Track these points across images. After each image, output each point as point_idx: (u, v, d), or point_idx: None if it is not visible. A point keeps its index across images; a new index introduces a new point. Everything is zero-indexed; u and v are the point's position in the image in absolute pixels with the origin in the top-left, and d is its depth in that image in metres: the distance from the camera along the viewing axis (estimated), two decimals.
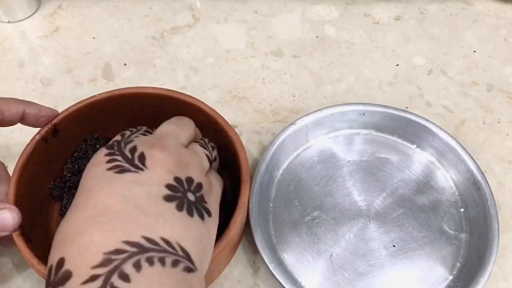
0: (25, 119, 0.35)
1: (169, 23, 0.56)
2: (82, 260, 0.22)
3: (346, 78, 0.51)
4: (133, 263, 0.22)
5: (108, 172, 0.26)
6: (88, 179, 0.26)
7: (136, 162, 0.27)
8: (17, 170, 0.33)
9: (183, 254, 0.24)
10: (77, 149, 0.40)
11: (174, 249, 0.24)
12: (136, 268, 0.22)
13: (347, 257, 0.38)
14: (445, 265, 0.38)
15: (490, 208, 0.38)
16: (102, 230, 0.23)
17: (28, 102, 0.35)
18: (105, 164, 0.27)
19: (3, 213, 0.30)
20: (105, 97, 0.38)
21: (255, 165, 0.42)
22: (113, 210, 0.24)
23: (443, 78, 0.51)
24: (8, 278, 0.38)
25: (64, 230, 0.24)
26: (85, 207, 0.24)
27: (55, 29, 0.55)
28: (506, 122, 0.47)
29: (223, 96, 0.49)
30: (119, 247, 0.22)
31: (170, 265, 0.23)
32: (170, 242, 0.24)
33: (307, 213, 0.40)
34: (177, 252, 0.24)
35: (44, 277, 0.29)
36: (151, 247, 0.23)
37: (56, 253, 0.23)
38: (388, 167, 0.43)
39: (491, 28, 0.55)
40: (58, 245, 0.24)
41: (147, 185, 0.26)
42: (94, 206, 0.24)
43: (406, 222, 0.40)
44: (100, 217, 0.24)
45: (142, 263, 0.22)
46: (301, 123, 0.43)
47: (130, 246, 0.23)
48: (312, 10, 0.57)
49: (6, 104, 0.34)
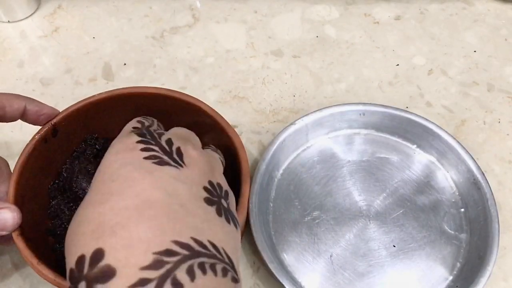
0: (26, 116, 0.35)
1: (169, 23, 0.56)
2: (127, 257, 0.20)
3: (346, 78, 0.51)
4: (186, 269, 0.20)
5: (146, 162, 0.24)
6: (122, 165, 0.24)
7: (175, 156, 0.25)
8: (17, 170, 0.33)
9: (229, 262, 0.22)
10: (77, 149, 0.39)
11: (221, 256, 0.22)
12: (190, 276, 0.20)
13: (347, 257, 0.38)
14: (445, 265, 0.38)
15: (491, 208, 0.38)
16: (149, 225, 0.21)
17: (30, 99, 0.35)
18: (140, 152, 0.25)
19: (4, 212, 0.30)
20: (105, 97, 0.37)
21: (255, 165, 0.42)
22: (158, 204, 0.22)
23: (443, 78, 0.51)
24: (8, 278, 0.38)
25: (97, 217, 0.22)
26: (124, 195, 0.22)
27: (55, 29, 0.55)
28: (506, 122, 0.47)
29: (223, 96, 0.49)
30: (170, 248, 0.20)
31: (221, 274, 0.21)
32: (217, 247, 0.22)
33: (307, 213, 0.40)
34: (224, 259, 0.22)
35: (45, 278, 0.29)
36: (201, 251, 0.21)
37: (90, 241, 0.21)
38: (388, 167, 0.43)
39: (491, 28, 0.55)
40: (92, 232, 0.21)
41: (188, 184, 0.24)
42: (136, 195, 0.22)
43: (406, 222, 0.40)
44: (145, 210, 0.21)
45: (195, 269, 0.20)
46: (301, 123, 0.43)
47: (181, 248, 0.21)
48: (312, 10, 0.57)
49: (8, 99, 0.34)
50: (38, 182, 0.36)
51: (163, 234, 0.21)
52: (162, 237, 0.21)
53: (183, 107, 0.37)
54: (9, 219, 0.30)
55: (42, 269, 0.30)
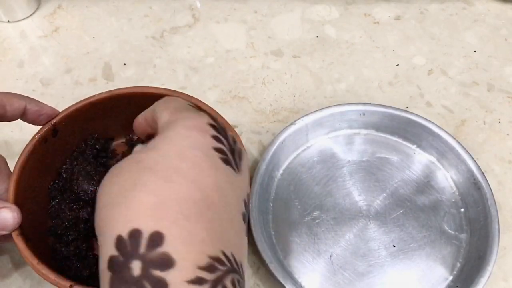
0: (26, 116, 0.35)
1: (169, 23, 0.56)
2: (187, 252, 0.20)
3: (346, 78, 0.50)
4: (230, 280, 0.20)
5: (214, 154, 0.23)
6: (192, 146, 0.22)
7: (236, 158, 0.24)
8: (17, 170, 0.33)
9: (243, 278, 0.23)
10: (77, 149, 0.39)
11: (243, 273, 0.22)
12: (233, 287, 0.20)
13: (347, 257, 0.38)
14: (445, 265, 0.38)
15: (491, 208, 0.38)
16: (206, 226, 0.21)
17: (30, 99, 0.35)
18: (210, 139, 0.23)
19: (4, 212, 0.30)
20: (105, 97, 0.37)
21: (255, 165, 0.42)
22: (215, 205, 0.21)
23: (443, 78, 0.51)
24: (8, 278, 0.38)
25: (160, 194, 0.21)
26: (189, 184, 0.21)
27: (55, 29, 0.55)
28: (506, 122, 0.47)
29: (223, 96, 0.49)
30: (219, 256, 0.21)
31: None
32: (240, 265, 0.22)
33: (307, 213, 0.40)
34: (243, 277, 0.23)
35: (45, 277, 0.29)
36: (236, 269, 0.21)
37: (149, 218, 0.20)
38: (388, 167, 0.43)
39: (491, 28, 0.55)
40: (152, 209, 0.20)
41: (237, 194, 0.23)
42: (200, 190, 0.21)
43: (406, 222, 0.40)
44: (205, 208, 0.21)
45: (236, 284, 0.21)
46: (301, 123, 0.43)
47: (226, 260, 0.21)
48: (312, 10, 0.57)
49: (8, 98, 0.34)
50: (38, 182, 0.36)
51: (215, 241, 0.21)
52: (214, 242, 0.21)
53: None
54: (9, 218, 0.30)
55: (42, 269, 0.30)
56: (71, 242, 0.35)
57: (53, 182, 0.38)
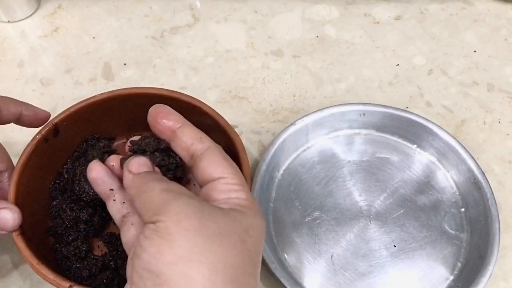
0: (20, 120, 0.35)
1: (169, 23, 0.55)
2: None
3: (346, 78, 0.50)
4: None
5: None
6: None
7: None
8: (18, 170, 0.33)
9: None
10: (77, 149, 0.39)
11: None
12: None
13: (348, 258, 0.38)
14: (446, 265, 0.38)
15: (491, 208, 0.38)
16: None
17: (26, 104, 0.35)
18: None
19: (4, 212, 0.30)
20: (106, 97, 0.37)
21: (255, 165, 0.42)
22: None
23: (443, 78, 0.51)
24: (8, 278, 0.38)
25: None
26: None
27: (55, 29, 0.55)
28: (506, 122, 0.47)
29: (223, 96, 0.49)
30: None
31: None
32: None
33: (307, 214, 0.40)
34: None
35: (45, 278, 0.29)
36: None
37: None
38: (389, 167, 0.43)
39: (491, 28, 0.55)
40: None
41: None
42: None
43: (407, 222, 0.40)
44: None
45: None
46: (301, 123, 0.43)
47: None
48: (312, 10, 0.57)
49: (5, 103, 0.34)
50: (38, 182, 0.36)
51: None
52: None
53: (183, 108, 0.37)
54: (10, 219, 0.30)
55: (42, 269, 0.30)
56: (71, 242, 0.35)
57: (54, 182, 0.38)
